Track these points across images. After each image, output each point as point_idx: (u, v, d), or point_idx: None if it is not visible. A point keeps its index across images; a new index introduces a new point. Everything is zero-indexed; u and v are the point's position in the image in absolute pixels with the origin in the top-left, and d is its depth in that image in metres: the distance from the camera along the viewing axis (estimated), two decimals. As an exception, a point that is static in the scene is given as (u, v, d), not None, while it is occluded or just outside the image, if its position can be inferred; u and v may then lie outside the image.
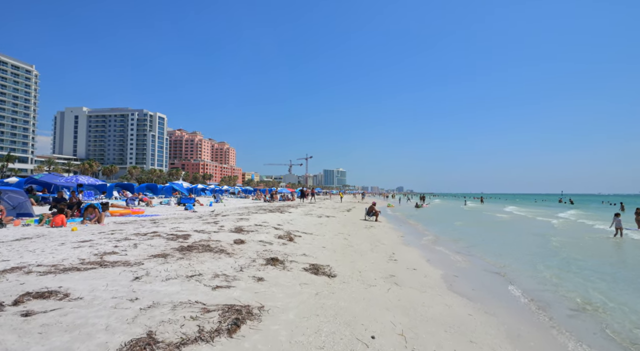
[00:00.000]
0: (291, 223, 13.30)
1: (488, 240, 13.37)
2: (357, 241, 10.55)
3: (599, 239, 14.15)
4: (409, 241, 12.31)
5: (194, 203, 24.76)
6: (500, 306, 5.48)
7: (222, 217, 14.22)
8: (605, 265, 9.06)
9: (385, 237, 12.39)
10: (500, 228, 18.82)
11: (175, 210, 19.28)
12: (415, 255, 9.25)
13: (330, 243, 9.47)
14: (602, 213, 31.82)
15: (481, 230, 17.83)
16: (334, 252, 8.09)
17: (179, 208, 20.76)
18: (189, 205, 19.81)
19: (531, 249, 11.32)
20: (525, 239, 14.06)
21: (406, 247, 10.69)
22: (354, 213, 23.91)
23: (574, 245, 12.38)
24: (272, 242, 8.42)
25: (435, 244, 12.18)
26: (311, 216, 17.51)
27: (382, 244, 10.46)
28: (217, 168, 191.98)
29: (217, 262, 5.67)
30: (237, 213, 16.12)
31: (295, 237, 9.72)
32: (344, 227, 14.02)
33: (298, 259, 6.77)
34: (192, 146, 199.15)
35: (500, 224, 21.82)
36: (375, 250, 9.21)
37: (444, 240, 13.32)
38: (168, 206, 23.08)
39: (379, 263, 7.48)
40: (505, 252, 10.55)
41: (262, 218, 14.03)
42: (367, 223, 17.06)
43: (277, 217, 15.19)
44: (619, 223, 14.45)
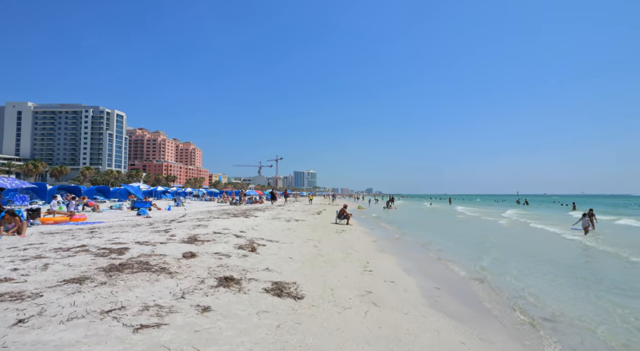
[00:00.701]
0: (256, 229, 12.13)
1: (457, 242, 13.00)
2: (328, 248, 9.61)
3: (547, 240, 14.28)
4: (382, 246, 11.58)
5: (150, 207, 22.73)
6: (493, 327, 4.75)
7: (177, 223, 12.74)
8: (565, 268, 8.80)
9: (357, 243, 11.57)
10: (465, 229, 18.78)
11: (126, 215, 17.36)
12: (391, 263, 8.47)
13: (298, 252, 8.45)
14: (542, 211, 34.04)
15: (449, 231, 17.63)
16: (302, 264, 7.08)
17: (131, 213, 18.79)
18: (142, 210, 17.94)
19: (500, 250, 11.00)
20: (490, 239, 13.90)
21: (381, 253, 9.91)
22: (324, 216, 23.04)
23: (535, 245, 12.29)
24: (230, 253, 7.26)
25: (409, 249, 11.56)
26: (279, 220, 16.39)
27: (355, 251, 9.61)
28: (182, 170, 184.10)
29: (152, 287, 4.46)
30: (197, 219, 14.64)
31: (259, 246, 8.60)
32: (314, 232, 13.06)
33: (259, 275, 5.69)
34: (155, 146, 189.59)
35: (463, 224, 21.97)
36: (349, 259, 8.31)
37: (416, 243, 12.78)
38: (119, 211, 20.92)
39: (353, 276, 6.57)
40: (478, 255, 10.11)
41: (224, 224, 12.72)
42: (339, 227, 16.23)
43: (241, 222, 13.92)
44: (586, 222, 14.78)
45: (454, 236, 15.46)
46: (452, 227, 20.28)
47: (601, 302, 5.90)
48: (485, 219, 26.98)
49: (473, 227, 21.33)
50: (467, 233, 16.98)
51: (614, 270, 8.86)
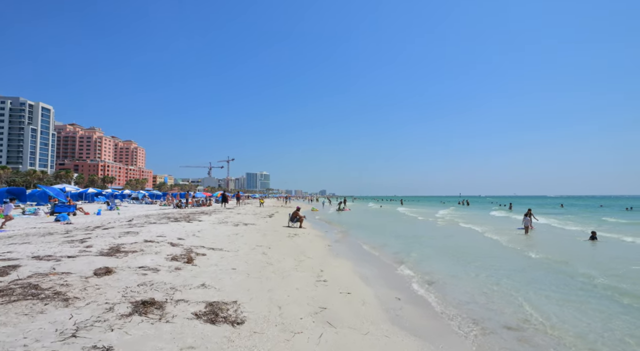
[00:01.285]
0: (198, 235, 10.83)
1: (410, 243, 12.90)
2: (279, 255, 8.73)
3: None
4: (337, 250, 10.98)
5: (74, 212, 19.92)
6: (458, 342, 4.27)
7: (102, 230, 10.97)
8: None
9: (311, 248, 10.83)
10: (409, 229, 19.03)
11: (40, 222, 14.82)
12: (347, 270, 7.84)
13: (244, 261, 7.46)
14: (474, 211, 36.71)
15: (396, 232, 17.68)
16: (247, 276, 6.13)
17: (48, 219, 16.14)
18: (62, 215, 15.47)
19: (448, 252, 11.02)
20: (438, 240, 14.08)
21: (335, 259, 9.26)
22: (276, 219, 22.01)
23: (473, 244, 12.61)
24: (159, 267, 6.07)
25: (364, 252, 11.10)
26: (226, 225, 15.08)
27: (308, 258, 8.84)
28: (121, 170, 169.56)
29: (30, 323, 3.26)
30: (128, 225, 12.86)
31: (198, 256, 7.46)
32: (263, 238, 12.07)
33: (191, 295, 4.66)
34: (90, 144, 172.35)
35: (407, 224, 22.41)
36: (301, 267, 7.52)
37: (370, 246, 12.40)
38: (33, 217, 17.96)
39: (305, 288, 5.79)
40: (428, 257, 9.96)
41: (160, 230, 11.22)
42: (291, 231, 15.37)
43: (181, 227, 12.46)
44: (527, 222, 15.64)
45: (403, 237, 15.43)
46: (398, 228, 20.49)
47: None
48: (423, 219, 27.94)
49: (417, 227, 21.77)
50: (415, 233, 17.14)
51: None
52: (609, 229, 19.03)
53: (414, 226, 22.22)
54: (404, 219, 29.05)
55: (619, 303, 5.89)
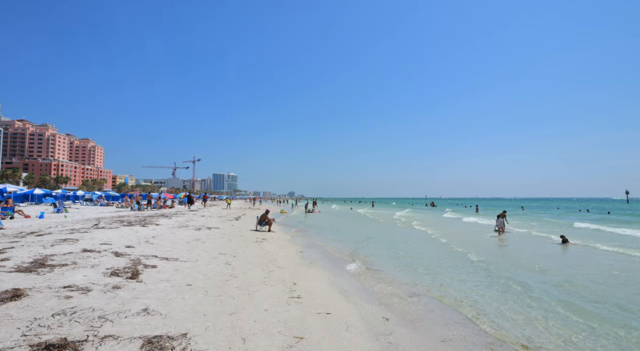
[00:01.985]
0: (152, 241, 9.48)
1: (384, 247, 12.27)
2: (245, 265, 7.67)
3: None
4: (310, 257, 10.04)
5: (12, 215, 17.53)
6: None
7: (35, 237, 9.33)
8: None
9: (281, 255, 9.82)
10: (379, 231, 18.56)
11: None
12: (324, 282, 6.92)
13: (203, 274, 6.33)
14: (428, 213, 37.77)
15: (371, 234, 17.08)
16: (204, 295, 5.05)
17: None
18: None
19: (428, 256, 10.48)
20: (417, 244, 13.61)
21: (309, 268, 8.31)
22: (243, 222, 20.69)
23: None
24: (92, 285, 4.85)
25: (337, 259, 10.25)
26: (187, 229, 13.67)
27: (279, 267, 7.84)
28: (77, 170, 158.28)
29: None
30: (70, 230, 11.18)
31: (147, 268, 6.24)
32: (228, 243, 10.90)
33: (125, 327, 3.55)
34: (41, 142, 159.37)
35: (374, 227, 22.00)
36: (270, 280, 6.51)
37: (345, 250, 11.61)
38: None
39: (276, 308, 4.81)
40: (410, 263, 9.32)
41: (107, 236, 9.74)
42: (259, 235, 14.25)
43: (133, 233, 10.99)
44: (501, 223, 15.59)
45: (373, 240, 14.80)
46: (366, 230, 19.90)
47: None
48: (384, 222, 27.83)
49: (385, 229, 21.39)
50: (387, 236, 16.62)
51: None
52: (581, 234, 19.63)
53: (380, 228, 21.80)
54: (371, 221, 28.67)
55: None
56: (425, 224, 24.02)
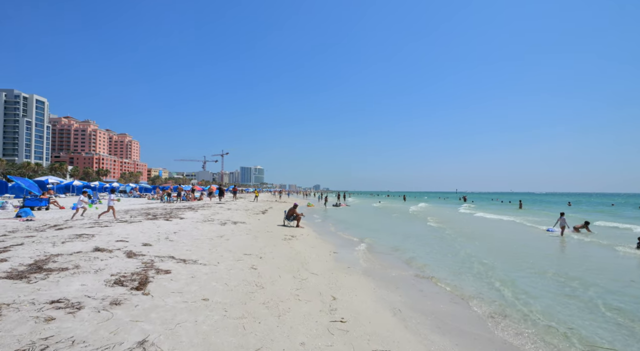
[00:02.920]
0: (172, 239, 8.67)
1: (427, 246, 10.82)
2: (273, 270, 6.60)
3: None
4: (346, 260, 8.83)
5: (47, 206, 17.72)
6: None
7: (54, 231, 8.80)
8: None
9: (313, 256, 8.68)
10: (418, 229, 16.93)
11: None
12: (369, 296, 5.67)
13: (223, 283, 5.31)
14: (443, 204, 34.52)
15: (407, 231, 15.56)
16: (223, 316, 3.99)
17: (10, 215, 13.90)
18: (25, 210, 13.24)
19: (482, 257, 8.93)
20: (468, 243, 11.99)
21: (348, 275, 7.10)
22: (270, 216, 19.86)
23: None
24: (86, 300, 3.92)
25: (381, 262, 8.95)
26: (211, 223, 12.91)
27: (313, 274, 6.71)
28: (116, 163, 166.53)
29: None
30: (92, 223, 10.69)
31: (159, 274, 5.30)
32: (255, 241, 9.93)
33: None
34: (84, 137, 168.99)
35: (413, 223, 20.28)
36: (304, 292, 5.38)
37: (384, 251, 10.30)
38: (0, 211, 15.73)
39: (315, 341, 3.63)
40: (479, 271, 7.86)
41: (126, 232, 9.05)
42: (287, 231, 13.24)
43: (154, 228, 10.29)
44: (563, 222, 13.63)
45: (417, 239, 13.32)
46: (403, 226, 18.29)
47: None
48: (417, 212, 25.89)
49: (425, 226, 19.69)
50: (432, 233, 15.04)
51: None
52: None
53: (417, 224, 20.13)
54: (405, 216, 26.95)
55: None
56: (491, 225, 22.07)
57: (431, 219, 23.23)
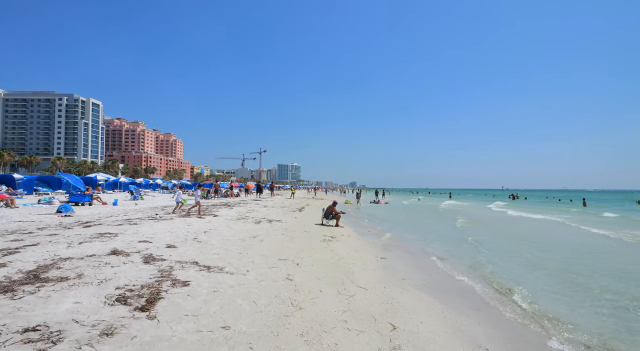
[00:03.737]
0: (201, 239, 7.83)
1: (503, 252, 9.07)
2: (313, 282, 5.42)
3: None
4: (397, 268, 7.44)
5: (91, 202, 18.07)
6: None
7: (81, 228, 8.32)
8: None
9: (358, 263, 7.40)
10: (473, 225, 14.87)
11: (39, 213, 12.62)
12: (439, 326, 4.27)
13: (251, 301, 4.20)
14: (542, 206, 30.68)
15: (467, 233, 13.67)
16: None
17: (47, 210, 14.11)
18: (65, 206, 13.30)
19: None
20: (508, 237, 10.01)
21: (404, 290, 5.73)
22: (307, 214, 18.83)
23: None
24: (68, 329, 2.96)
25: (440, 271, 7.45)
26: (246, 221, 12.07)
27: (360, 288, 5.44)
28: (162, 162, 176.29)
29: None
30: (123, 220, 10.24)
31: (174, 287, 4.31)
32: (291, 242, 8.86)
33: None
34: (134, 137, 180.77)
35: (471, 220, 18.10)
36: (353, 318, 4.13)
37: (442, 256, 8.73)
38: (46, 206, 16.19)
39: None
40: (521, 273, 6.14)
41: (153, 231, 8.36)
42: (326, 232, 12.07)
43: (185, 226, 9.57)
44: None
45: (479, 244, 11.49)
46: (456, 228, 16.29)
47: None
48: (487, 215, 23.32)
49: (489, 227, 17.50)
50: (497, 234, 13.06)
51: None
52: None
53: (475, 225, 18.01)
54: (454, 216, 24.67)
55: None
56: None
57: (481, 220, 20.92)
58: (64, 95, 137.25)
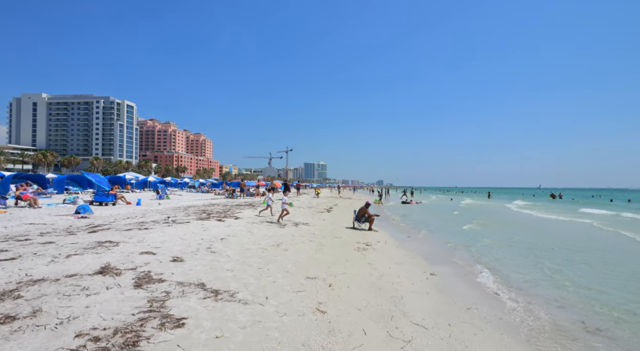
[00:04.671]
0: (215, 248, 6.64)
1: (564, 266, 7.24)
2: (351, 316, 4.03)
3: None
4: (458, 292, 5.85)
5: (114, 201, 17.67)
6: None
7: (85, 233, 7.39)
8: None
9: (404, 283, 5.89)
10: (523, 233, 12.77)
11: (57, 213, 12.04)
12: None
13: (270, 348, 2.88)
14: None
15: (513, 239, 11.70)
16: None
17: (69, 210, 13.61)
18: (83, 206, 12.72)
19: None
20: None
21: (479, 331, 4.17)
22: (336, 215, 17.43)
23: None
24: None
25: (510, 295, 5.79)
26: (270, 224, 10.87)
27: (417, 325, 3.97)
28: (192, 161, 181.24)
29: None
30: (136, 223, 9.30)
31: (161, 330, 3.05)
32: (320, 252, 7.50)
33: None
34: (165, 137, 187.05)
35: (522, 225, 15.87)
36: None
37: (499, 270, 7.04)
38: (70, 205, 15.86)
39: None
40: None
41: (162, 238, 7.28)
42: (360, 237, 10.62)
43: (200, 231, 8.45)
44: None
45: (556, 255, 9.57)
46: (509, 232, 14.19)
47: None
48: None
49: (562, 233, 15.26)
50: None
51: None
52: None
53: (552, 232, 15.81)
54: (501, 219, 22.33)
55: None
56: None
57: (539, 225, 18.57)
58: (100, 97, 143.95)
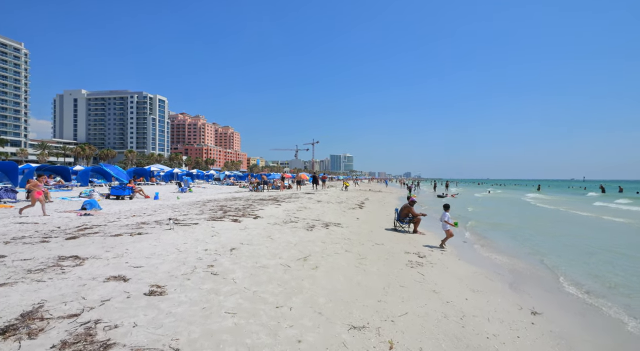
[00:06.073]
0: (218, 268, 4.83)
1: None
2: None
3: None
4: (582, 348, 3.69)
5: (131, 195, 16.56)
6: None
7: (65, 240, 5.80)
8: None
9: (503, 335, 3.78)
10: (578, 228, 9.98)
11: (59, 210, 10.81)
12: None
13: None
14: None
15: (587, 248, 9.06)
16: None
17: (73, 206, 12.46)
18: (91, 202, 11.46)
19: None
20: None
21: None
22: (370, 211, 15.29)
23: None
24: None
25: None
26: (294, 226, 8.97)
27: None
28: (221, 153, 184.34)
29: None
30: (133, 224, 7.69)
31: None
32: (362, 270, 5.51)
33: None
34: (195, 130, 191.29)
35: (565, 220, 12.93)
36: None
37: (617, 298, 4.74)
38: (75, 201, 14.84)
39: None
40: None
41: (151, 250, 5.54)
42: (406, 245, 8.50)
43: (206, 237, 6.66)
44: None
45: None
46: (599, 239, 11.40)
47: None
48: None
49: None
50: None
51: None
52: None
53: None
54: (564, 218, 19.21)
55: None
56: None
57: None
58: (134, 92, 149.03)
